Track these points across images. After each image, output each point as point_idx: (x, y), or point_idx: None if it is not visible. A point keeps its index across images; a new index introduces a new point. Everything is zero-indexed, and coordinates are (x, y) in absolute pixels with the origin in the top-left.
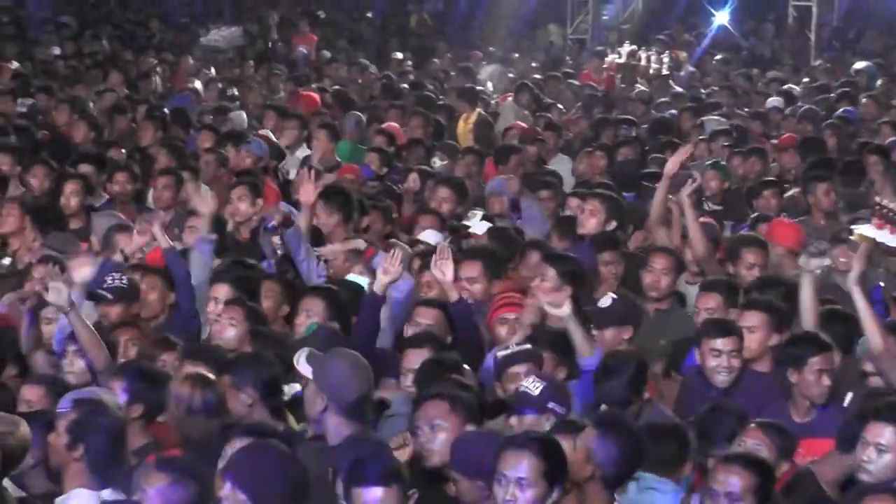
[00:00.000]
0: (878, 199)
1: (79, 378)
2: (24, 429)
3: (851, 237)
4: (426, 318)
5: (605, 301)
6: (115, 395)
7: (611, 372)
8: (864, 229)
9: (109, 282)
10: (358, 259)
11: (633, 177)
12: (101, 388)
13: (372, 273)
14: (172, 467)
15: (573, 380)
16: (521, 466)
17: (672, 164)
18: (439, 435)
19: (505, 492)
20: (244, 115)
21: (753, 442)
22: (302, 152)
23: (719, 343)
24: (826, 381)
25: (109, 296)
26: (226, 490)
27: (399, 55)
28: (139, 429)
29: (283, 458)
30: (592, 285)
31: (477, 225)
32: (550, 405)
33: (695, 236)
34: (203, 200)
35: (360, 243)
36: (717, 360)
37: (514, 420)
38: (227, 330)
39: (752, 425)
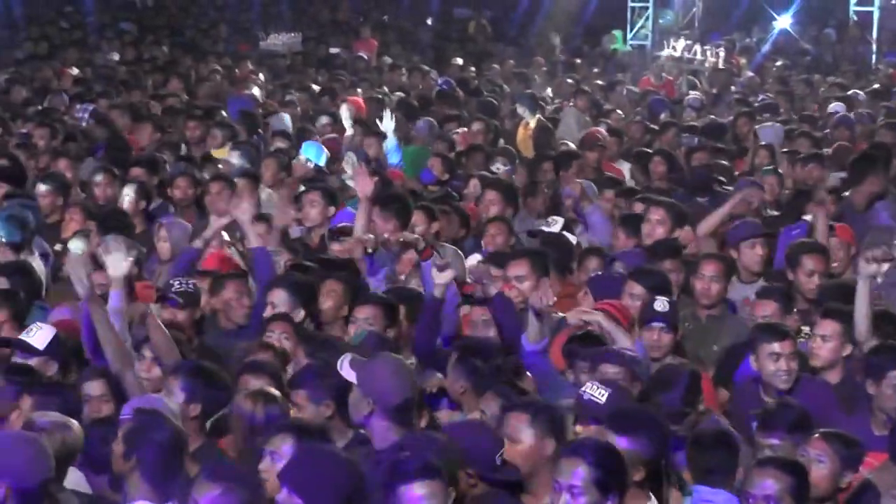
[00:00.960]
0: None
1: (154, 385)
2: (76, 431)
3: None
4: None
5: (662, 305)
6: (175, 396)
7: (664, 384)
8: None
9: (178, 286)
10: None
11: (707, 182)
12: (162, 397)
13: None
14: (223, 476)
15: None
16: (574, 474)
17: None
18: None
19: (558, 499)
20: (287, 117)
21: (816, 453)
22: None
23: (777, 347)
24: None
25: (180, 300)
26: (282, 495)
27: (459, 60)
28: (197, 429)
29: (340, 462)
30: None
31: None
32: None
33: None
34: (283, 213)
35: (419, 240)
36: (776, 364)
37: (578, 428)
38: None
39: (817, 435)
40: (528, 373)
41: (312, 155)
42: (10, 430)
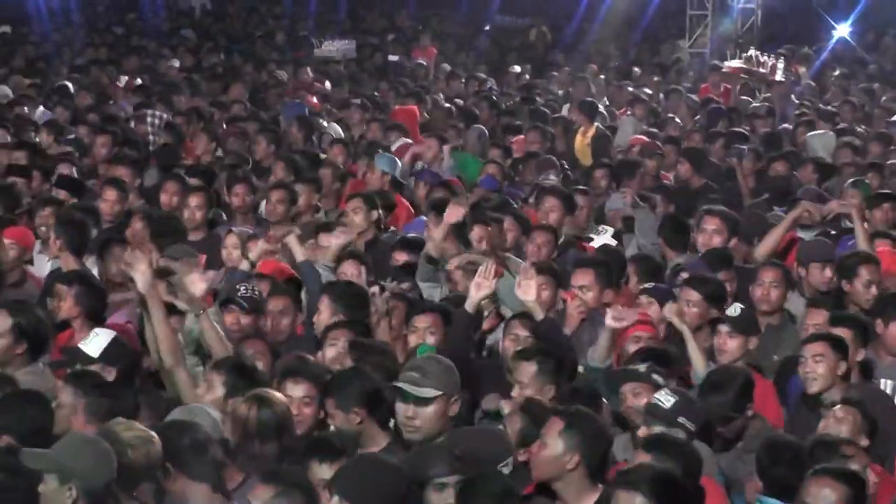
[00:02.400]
0: None
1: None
2: (157, 447)
3: None
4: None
5: (734, 310)
6: (216, 390)
7: (716, 387)
8: None
9: (243, 291)
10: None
11: (786, 192)
12: (204, 406)
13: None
14: (277, 479)
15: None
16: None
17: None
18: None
19: None
20: (337, 126)
21: None
22: None
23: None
24: None
25: (245, 305)
26: (334, 501)
27: (517, 68)
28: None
29: (391, 470)
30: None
31: (597, 239)
32: (681, 419)
33: None
34: (347, 231)
35: (481, 259)
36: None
37: (642, 431)
38: (329, 350)
39: None
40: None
41: (387, 167)
42: (75, 432)
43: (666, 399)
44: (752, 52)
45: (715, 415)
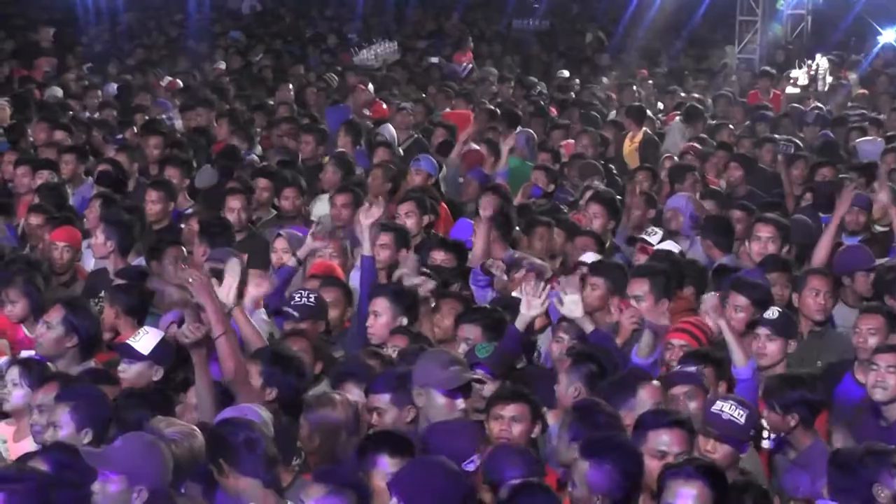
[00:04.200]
0: None
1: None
2: (200, 441)
3: None
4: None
5: (772, 313)
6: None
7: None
8: None
9: (297, 299)
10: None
11: (832, 198)
12: (255, 407)
13: None
14: (330, 478)
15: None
16: (690, 496)
17: (841, 209)
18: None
19: None
20: (391, 127)
21: None
22: None
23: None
24: None
25: (296, 314)
26: (392, 503)
27: (566, 73)
28: (273, 412)
29: (450, 473)
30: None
31: (650, 239)
32: (752, 433)
33: None
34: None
35: (546, 268)
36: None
37: (710, 446)
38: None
39: None
40: None
41: (430, 169)
42: (137, 435)
43: (739, 414)
44: (813, 62)
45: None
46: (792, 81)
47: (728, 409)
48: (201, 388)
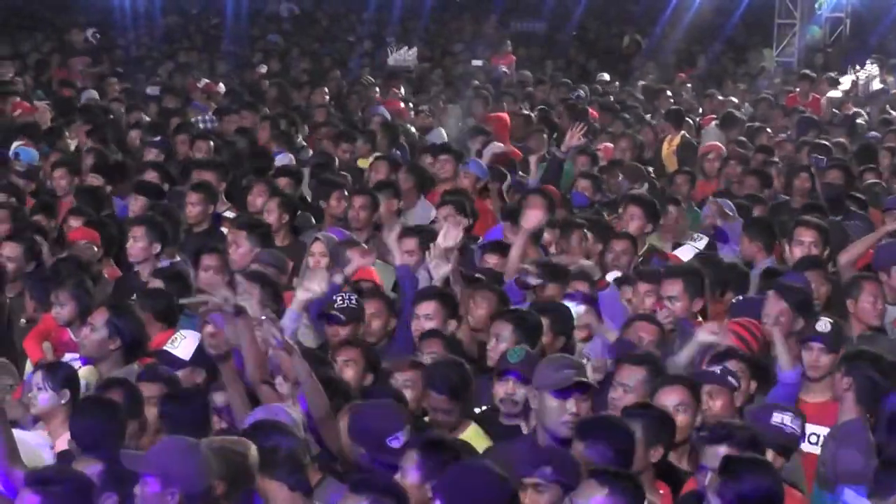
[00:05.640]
0: None
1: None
2: (254, 453)
3: None
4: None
5: (824, 326)
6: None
7: None
8: None
9: (340, 302)
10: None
11: (839, 200)
12: (284, 407)
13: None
14: (370, 488)
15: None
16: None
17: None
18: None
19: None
20: (443, 131)
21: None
22: None
23: None
24: None
25: (343, 317)
26: None
27: (606, 76)
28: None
29: (494, 477)
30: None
31: (684, 249)
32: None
33: None
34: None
35: (594, 268)
36: None
37: (772, 455)
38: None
39: None
40: None
41: (479, 172)
42: (176, 439)
43: (794, 424)
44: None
45: None
46: (839, 86)
47: (785, 421)
48: (234, 397)
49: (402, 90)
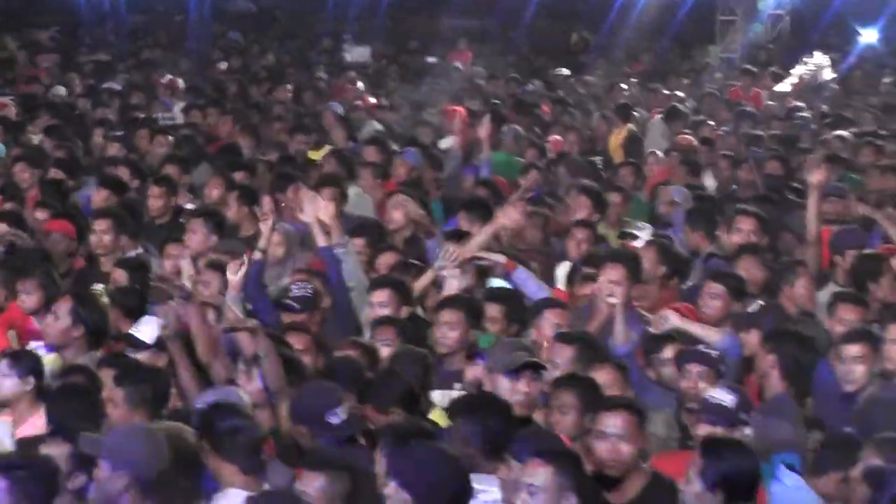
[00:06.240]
0: None
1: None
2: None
3: None
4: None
5: (754, 306)
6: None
7: None
8: None
9: (295, 291)
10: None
11: (779, 190)
12: (234, 389)
13: None
14: (325, 464)
15: None
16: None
17: (819, 176)
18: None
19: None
20: (376, 123)
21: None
22: None
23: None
24: None
25: (297, 306)
26: (390, 489)
27: (565, 71)
28: (270, 414)
29: (448, 459)
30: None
31: (639, 240)
32: (742, 415)
33: None
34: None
35: (500, 258)
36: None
37: (702, 430)
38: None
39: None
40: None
41: (414, 161)
42: (127, 424)
43: (727, 397)
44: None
45: None
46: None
47: (717, 394)
48: (185, 378)
49: (361, 85)
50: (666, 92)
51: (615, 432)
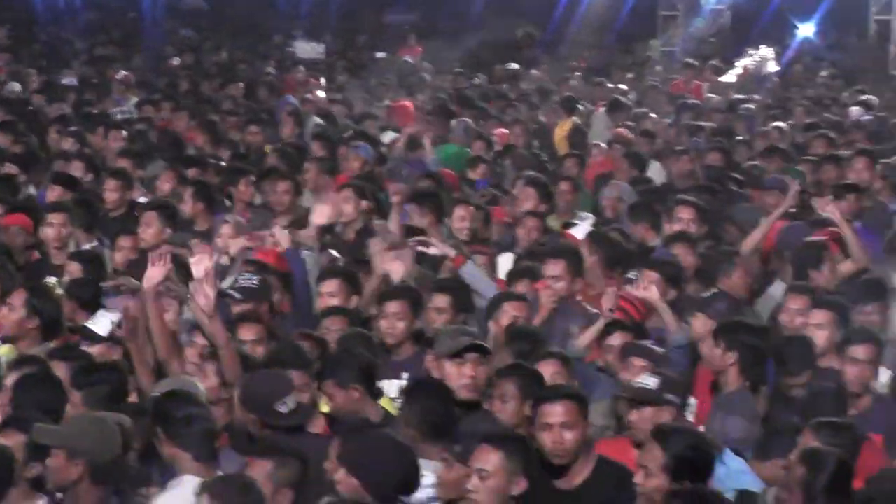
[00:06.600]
0: None
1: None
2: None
3: None
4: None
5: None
6: (210, 379)
7: None
8: None
9: (241, 281)
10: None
11: (721, 181)
12: (189, 378)
13: None
14: (273, 451)
15: None
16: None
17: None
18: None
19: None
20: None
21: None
22: None
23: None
24: None
25: (238, 295)
26: (340, 475)
27: (515, 66)
28: (226, 410)
29: (396, 446)
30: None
31: (578, 228)
32: (669, 396)
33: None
34: (321, 212)
35: (450, 251)
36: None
37: (634, 415)
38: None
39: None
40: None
41: (366, 155)
42: (83, 414)
43: (650, 380)
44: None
45: None
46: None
47: (641, 379)
48: (141, 371)
49: (323, 81)
50: (610, 85)
51: (558, 420)
